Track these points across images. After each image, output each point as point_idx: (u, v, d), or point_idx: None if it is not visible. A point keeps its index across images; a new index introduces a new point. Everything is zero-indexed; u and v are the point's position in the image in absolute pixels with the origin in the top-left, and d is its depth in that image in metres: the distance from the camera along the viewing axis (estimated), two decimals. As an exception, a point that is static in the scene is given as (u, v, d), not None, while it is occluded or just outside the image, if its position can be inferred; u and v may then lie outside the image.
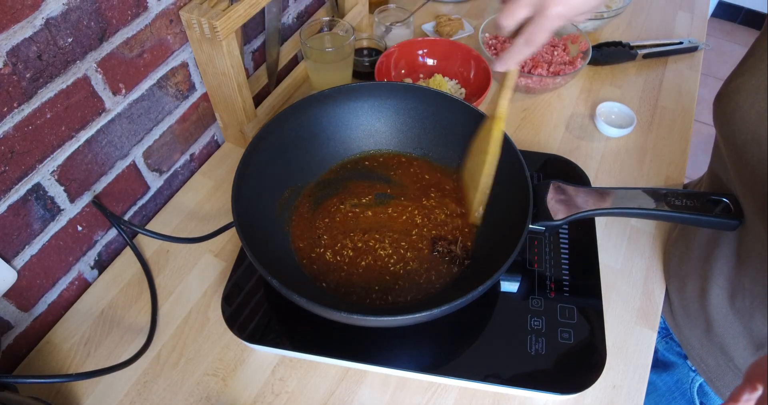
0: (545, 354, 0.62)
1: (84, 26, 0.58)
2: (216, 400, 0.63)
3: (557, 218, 0.61)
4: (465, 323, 0.65)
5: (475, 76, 0.93)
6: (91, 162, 0.67)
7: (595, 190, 0.63)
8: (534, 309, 0.66)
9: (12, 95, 0.53)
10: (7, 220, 0.59)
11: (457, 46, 0.94)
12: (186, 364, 0.66)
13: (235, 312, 0.65)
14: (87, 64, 0.60)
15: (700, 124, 2.24)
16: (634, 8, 1.15)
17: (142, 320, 0.69)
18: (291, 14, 0.94)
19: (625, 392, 0.64)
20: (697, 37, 1.08)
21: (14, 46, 0.51)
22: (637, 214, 0.60)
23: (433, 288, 0.65)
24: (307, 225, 0.70)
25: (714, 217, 0.57)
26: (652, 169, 0.85)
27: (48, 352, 0.67)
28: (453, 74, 0.95)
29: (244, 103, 0.79)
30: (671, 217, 0.59)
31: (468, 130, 0.71)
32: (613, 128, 0.88)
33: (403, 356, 0.63)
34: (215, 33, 0.67)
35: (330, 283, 0.65)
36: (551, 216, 0.61)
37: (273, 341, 0.63)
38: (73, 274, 0.71)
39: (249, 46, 0.86)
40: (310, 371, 0.65)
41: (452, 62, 0.95)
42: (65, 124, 0.61)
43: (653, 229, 0.78)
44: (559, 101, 0.96)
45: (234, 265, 0.69)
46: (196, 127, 0.83)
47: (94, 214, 0.70)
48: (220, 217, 0.80)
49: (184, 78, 0.76)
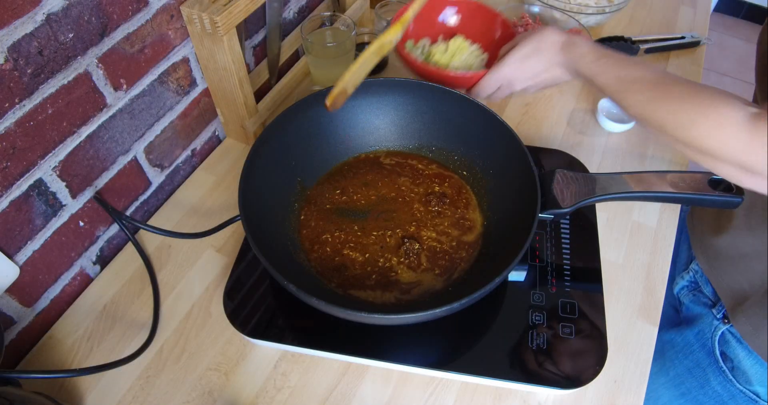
0: (546, 349, 0.62)
1: (85, 22, 0.58)
2: (218, 395, 0.63)
3: (565, 206, 0.61)
4: (467, 318, 0.65)
5: (500, 41, 0.83)
6: (92, 158, 0.67)
7: (601, 176, 0.63)
8: (535, 304, 0.66)
9: (13, 91, 0.53)
10: (10, 216, 0.59)
11: (482, 9, 0.86)
12: (188, 359, 0.66)
13: (237, 307, 0.65)
14: (88, 59, 0.60)
15: (701, 119, 2.23)
16: (636, 3, 1.14)
17: (145, 316, 0.69)
18: (292, 9, 0.94)
19: (626, 387, 0.64)
20: (700, 32, 1.07)
21: (15, 41, 0.51)
22: (643, 197, 0.61)
23: (441, 283, 0.65)
24: (313, 223, 0.70)
25: (717, 196, 0.59)
26: (653, 164, 0.85)
27: (51, 348, 0.67)
28: (475, 37, 0.86)
29: (245, 98, 0.78)
30: (676, 199, 0.60)
31: (473, 124, 0.71)
32: (615, 123, 0.88)
33: (405, 351, 0.63)
34: (216, 28, 0.66)
35: (335, 280, 0.65)
36: (559, 204, 0.61)
37: (275, 336, 0.63)
38: (75, 270, 0.71)
39: (250, 42, 0.86)
40: (312, 366, 0.65)
41: (475, 24, 0.86)
42: (66, 120, 0.61)
43: (655, 223, 0.78)
44: (561, 96, 0.95)
45: (236, 261, 0.69)
46: (197, 122, 0.83)
47: (96, 210, 0.70)
48: (221, 212, 0.80)
49: (185, 73, 0.76)
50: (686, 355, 0.77)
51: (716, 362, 0.72)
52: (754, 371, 0.68)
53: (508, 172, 0.67)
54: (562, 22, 0.99)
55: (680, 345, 0.78)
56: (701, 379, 0.75)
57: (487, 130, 0.69)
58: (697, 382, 0.76)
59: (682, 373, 0.78)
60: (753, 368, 0.68)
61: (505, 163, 0.68)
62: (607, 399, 0.63)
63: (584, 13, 1.00)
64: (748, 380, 0.69)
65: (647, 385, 0.64)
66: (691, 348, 0.76)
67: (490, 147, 0.70)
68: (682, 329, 0.78)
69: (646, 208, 0.80)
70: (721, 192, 0.59)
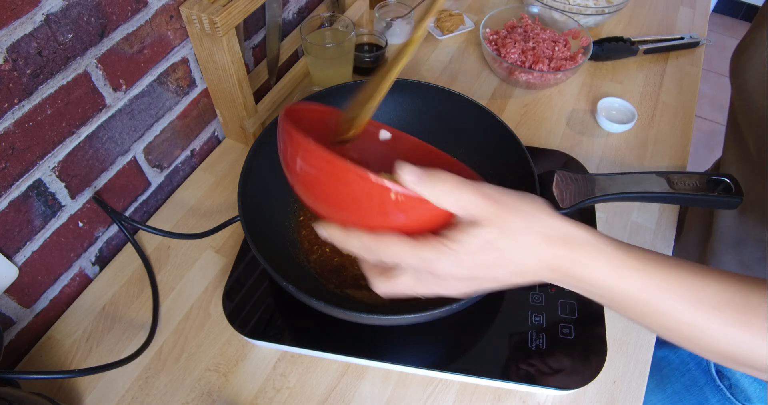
0: (546, 349, 0.62)
1: (84, 22, 0.58)
2: (217, 396, 0.63)
3: (564, 206, 0.61)
4: (467, 319, 0.65)
5: None
6: (91, 158, 0.66)
7: (600, 177, 0.63)
8: (535, 304, 0.66)
9: (12, 91, 0.53)
10: (9, 217, 0.59)
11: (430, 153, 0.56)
12: (187, 359, 0.66)
13: (236, 308, 0.65)
14: (87, 60, 0.60)
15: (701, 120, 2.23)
16: (636, 3, 1.15)
17: (144, 316, 0.69)
18: (291, 10, 0.94)
19: (626, 387, 0.64)
20: (699, 33, 1.07)
21: (14, 42, 0.51)
22: (642, 197, 0.61)
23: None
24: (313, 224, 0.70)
25: (716, 196, 0.58)
26: (653, 165, 0.85)
27: (50, 348, 0.67)
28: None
29: (244, 98, 0.78)
30: (675, 199, 0.60)
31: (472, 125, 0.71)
32: (614, 124, 0.88)
33: (404, 352, 0.63)
34: (215, 29, 0.66)
35: (335, 280, 0.65)
36: (558, 204, 0.61)
37: (274, 337, 0.63)
38: (74, 270, 0.71)
39: (249, 42, 0.86)
40: (311, 367, 0.65)
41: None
42: (66, 121, 0.61)
43: (654, 224, 0.78)
44: (560, 97, 0.95)
45: (235, 261, 0.69)
46: (196, 123, 0.83)
47: (95, 210, 0.70)
48: (221, 213, 0.80)
49: (184, 74, 0.76)
50: (682, 373, 0.76)
51: (713, 381, 0.71)
52: (753, 389, 0.67)
53: (507, 173, 0.67)
54: (561, 23, 0.99)
55: (675, 363, 0.77)
56: (699, 396, 0.74)
57: (487, 130, 0.69)
58: (696, 399, 0.75)
59: (679, 390, 0.77)
60: (752, 386, 0.67)
61: (505, 164, 0.68)
62: (606, 399, 0.63)
63: (583, 13, 1.00)
64: (748, 398, 0.68)
65: (643, 401, 0.63)
66: (686, 366, 0.75)
67: (489, 147, 0.70)
68: (676, 347, 0.76)
69: (645, 209, 0.80)
70: (720, 192, 0.59)
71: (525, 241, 0.37)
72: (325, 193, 0.39)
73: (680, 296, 0.37)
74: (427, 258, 0.37)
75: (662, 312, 0.38)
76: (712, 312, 0.37)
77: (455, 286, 0.40)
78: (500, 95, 0.95)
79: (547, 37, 0.96)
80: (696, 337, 0.38)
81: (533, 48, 0.94)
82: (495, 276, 0.39)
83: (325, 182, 0.38)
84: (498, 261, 0.38)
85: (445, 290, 0.40)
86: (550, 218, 0.38)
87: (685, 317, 0.37)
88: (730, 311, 0.37)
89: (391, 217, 0.37)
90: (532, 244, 0.37)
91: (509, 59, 0.93)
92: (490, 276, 0.39)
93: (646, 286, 0.38)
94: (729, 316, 0.37)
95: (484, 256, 0.37)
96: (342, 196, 0.37)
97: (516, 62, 0.93)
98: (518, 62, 0.93)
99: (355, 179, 0.36)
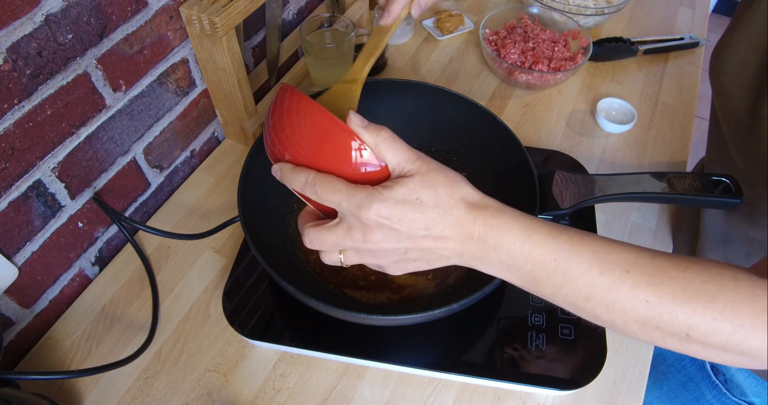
0: (546, 350, 0.62)
1: (84, 22, 0.58)
2: (217, 396, 0.63)
3: (564, 206, 0.61)
4: (466, 319, 0.65)
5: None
6: (91, 158, 0.66)
7: (600, 177, 0.63)
8: (534, 305, 0.66)
9: (12, 92, 0.53)
10: (8, 217, 0.59)
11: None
12: (187, 360, 0.66)
13: (236, 308, 0.65)
14: (87, 60, 0.60)
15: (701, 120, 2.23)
16: (635, 4, 1.15)
17: (143, 317, 0.69)
18: (291, 10, 0.94)
19: (626, 388, 0.64)
20: (699, 33, 1.07)
21: (14, 42, 0.51)
22: (642, 198, 0.61)
23: (434, 286, 0.65)
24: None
25: (716, 197, 0.58)
26: (652, 165, 0.85)
27: (49, 349, 0.67)
28: None
29: (244, 99, 0.78)
30: (675, 200, 0.60)
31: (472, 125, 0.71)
32: (614, 124, 0.88)
33: (404, 352, 0.63)
34: (215, 29, 0.66)
35: (334, 281, 0.65)
36: (558, 205, 0.61)
37: (274, 337, 0.63)
38: (74, 271, 0.71)
39: (249, 42, 0.86)
40: (310, 367, 0.65)
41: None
42: (65, 121, 0.61)
43: (654, 225, 0.78)
44: (560, 97, 0.95)
45: (235, 262, 0.69)
46: (196, 123, 0.83)
47: (95, 211, 0.70)
48: (220, 213, 0.80)
49: (184, 74, 0.76)
50: (678, 369, 0.76)
51: (708, 377, 0.72)
52: (749, 384, 0.67)
53: (507, 173, 0.67)
54: (561, 23, 0.99)
55: (671, 359, 0.77)
56: (695, 392, 0.75)
57: (487, 130, 0.69)
58: (692, 395, 0.75)
59: (675, 387, 0.77)
60: (747, 381, 0.67)
61: (504, 164, 0.68)
62: (606, 400, 0.63)
63: (583, 14, 1.00)
64: (743, 392, 0.69)
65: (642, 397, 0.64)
66: (682, 362, 0.75)
67: (489, 148, 0.70)
68: None
69: (645, 209, 0.80)
70: (720, 193, 0.59)
71: (446, 202, 0.40)
72: (291, 129, 0.43)
73: (589, 259, 0.39)
74: (359, 200, 0.39)
75: (575, 277, 0.39)
76: (624, 275, 0.38)
77: (383, 253, 0.42)
78: (500, 95, 0.95)
79: (546, 37, 0.96)
80: (611, 300, 0.38)
81: (533, 48, 0.94)
82: (419, 243, 0.41)
83: (296, 121, 0.43)
84: (423, 221, 0.39)
85: (374, 258, 0.42)
86: (468, 186, 0.42)
87: (595, 281, 0.38)
88: (638, 273, 0.38)
89: (337, 160, 0.42)
90: (452, 206, 0.40)
91: (509, 60, 0.93)
92: (411, 232, 0.40)
93: (555, 249, 0.39)
94: (640, 278, 0.38)
95: (410, 208, 0.39)
96: (304, 133, 0.42)
97: (516, 62, 0.93)
98: (518, 62, 0.93)
99: (321, 118, 0.42)
